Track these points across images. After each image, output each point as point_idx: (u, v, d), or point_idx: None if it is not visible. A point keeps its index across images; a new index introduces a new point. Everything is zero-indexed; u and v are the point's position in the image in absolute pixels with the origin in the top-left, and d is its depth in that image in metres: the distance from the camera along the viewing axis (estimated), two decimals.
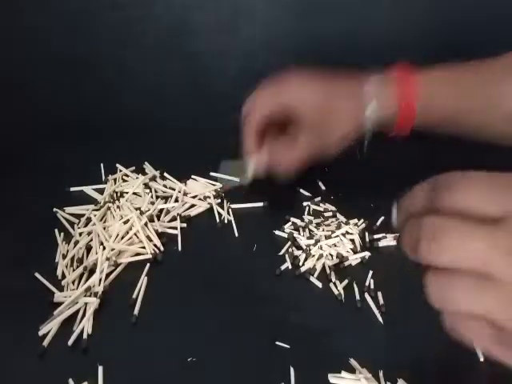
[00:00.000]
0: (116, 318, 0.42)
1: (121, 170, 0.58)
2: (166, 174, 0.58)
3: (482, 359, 0.37)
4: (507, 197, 0.22)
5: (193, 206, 0.54)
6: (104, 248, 0.47)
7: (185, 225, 0.52)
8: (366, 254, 0.48)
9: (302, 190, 0.56)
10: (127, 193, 0.55)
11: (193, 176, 0.58)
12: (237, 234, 0.51)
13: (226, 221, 0.52)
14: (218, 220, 0.52)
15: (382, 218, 0.52)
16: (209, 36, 0.62)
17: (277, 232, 0.51)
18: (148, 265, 0.47)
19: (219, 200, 0.55)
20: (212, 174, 0.58)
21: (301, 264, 0.47)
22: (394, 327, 0.41)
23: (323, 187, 0.57)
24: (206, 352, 0.39)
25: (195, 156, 0.61)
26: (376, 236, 0.50)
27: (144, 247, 0.48)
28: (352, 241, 0.49)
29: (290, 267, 0.47)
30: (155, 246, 0.49)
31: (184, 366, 0.38)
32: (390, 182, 0.56)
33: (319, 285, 0.45)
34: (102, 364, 0.37)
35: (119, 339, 0.40)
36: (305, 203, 0.54)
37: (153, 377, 0.37)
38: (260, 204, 0.54)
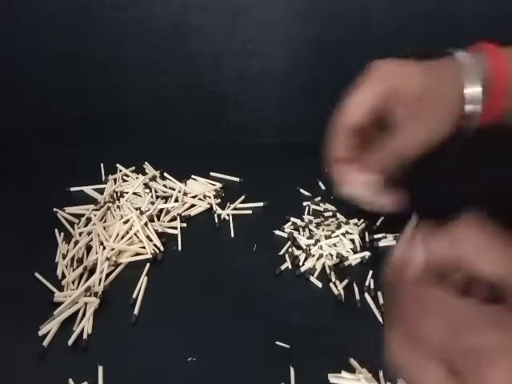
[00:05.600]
0: (116, 317, 0.42)
1: (121, 170, 0.58)
2: (166, 174, 0.58)
3: None
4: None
5: (193, 205, 0.54)
6: (104, 248, 0.47)
7: (185, 225, 0.52)
8: (366, 253, 0.48)
9: (302, 190, 0.56)
10: (127, 193, 0.55)
11: (193, 176, 0.58)
12: (233, 235, 0.51)
13: (225, 221, 0.52)
14: (217, 220, 0.52)
15: (382, 218, 0.52)
16: (209, 36, 0.62)
17: (277, 232, 0.51)
18: (148, 265, 0.47)
19: (219, 200, 0.55)
20: (212, 173, 0.58)
21: (301, 264, 0.47)
22: None
23: (323, 187, 0.57)
24: (206, 352, 0.39)
25: (195, 156, 0.61)
26: (376, 236, 0.50)
27: (144, 247, 0.48)
28: (352, 241, 0.49)
29: (290, 267, 0.47)
30: (155, 245, 0.49)
31: (184, 366, 0.38)
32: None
33: (319, 285, 0.45)
34: (102, 364, 0.38)
35: (119, 339, 0.40)
36: (305, 203, 0.54)
37: (153, 377, 0.37)
38: (260, 204, 0.54)
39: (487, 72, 0.41)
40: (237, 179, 0.58)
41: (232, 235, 0.51)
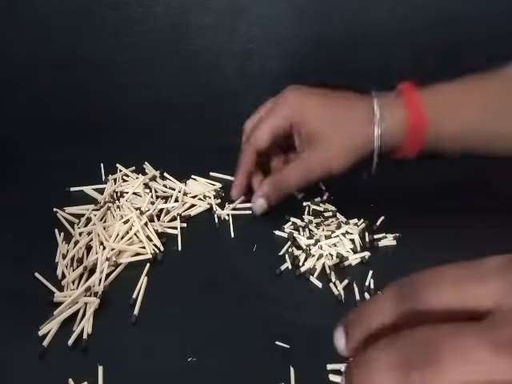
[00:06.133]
0: (116, 317, 0.42)
1: (121, 170, 0.58)
2: (165, 174, 0.58)
3: None
4: (494, 286, 0.19)
5: (193, 205, 0.54)
6: (104, 248, 0.47)
7: (185, 225, 0.52)
8: (366, 253, 0.48)
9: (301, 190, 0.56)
10: (127, 193, 0.55)
11: (193, 176, 0.58)
12: (233, 235, 0.50)
13: (225, 221, 0.52)
14: (217, 220, 0.52)
15: (382, 217, 0.52)
16: (209, 36, 0.62)
17: (277, 232, 0.51)
18: (148, 265, 0.47)
19: (219, 200, 0.55)
20: (212, 173, 0.58)
21: (301, 264, 0.47)
22: None
23: (323, 187, 0.57)
24: (206, 352, 0.39)
25: (195, 156, 0.61)
26: (376, 236, 0.50)
27: (144, 247, 0.48)
28: (352, 241, 0.49)
29: (290, 267, 0.47)
30: (155, 245, 0.49)
31: (184, 366, 0.38)
32: (391, 182, 0.57)
33: (319, 285, 0.45)
34: (102, 364, 0.37)
35: (119, 339, 0.40)
36: (305, 203, 0.54)
37: (153, 377, 0.37)
38: None
39: (403, 114, 0.44)
40: None
41: (232, 235, 0.51)
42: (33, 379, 0.37)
